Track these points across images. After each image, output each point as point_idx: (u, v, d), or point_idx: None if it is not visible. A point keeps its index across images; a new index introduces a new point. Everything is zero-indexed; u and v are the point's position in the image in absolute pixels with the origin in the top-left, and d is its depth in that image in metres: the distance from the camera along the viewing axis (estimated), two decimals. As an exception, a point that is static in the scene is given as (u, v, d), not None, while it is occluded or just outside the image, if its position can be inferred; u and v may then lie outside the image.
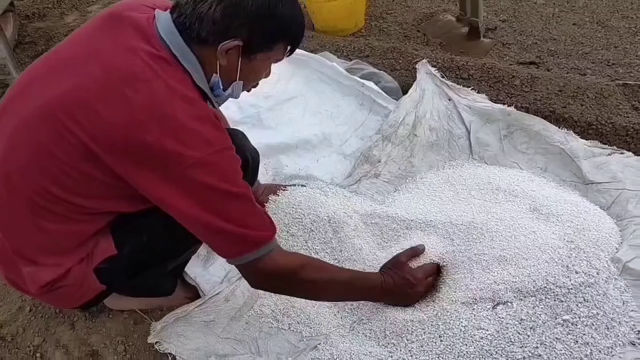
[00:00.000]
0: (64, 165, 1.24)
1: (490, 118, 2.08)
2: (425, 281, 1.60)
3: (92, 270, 1.42)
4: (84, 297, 1.47)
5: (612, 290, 1.51)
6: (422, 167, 2.04)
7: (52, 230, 1.33)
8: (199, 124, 1.22)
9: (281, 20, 1.28)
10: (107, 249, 1.42)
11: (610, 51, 2.55)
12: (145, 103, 1.18)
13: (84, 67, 1.24)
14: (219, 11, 1.22)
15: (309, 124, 2.25)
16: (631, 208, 1.75)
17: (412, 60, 2.46)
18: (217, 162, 1.24)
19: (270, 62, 1.39)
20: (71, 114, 1.20)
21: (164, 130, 1.18)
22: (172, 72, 1.23)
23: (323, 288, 1.46)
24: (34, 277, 1.38)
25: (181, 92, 1.22)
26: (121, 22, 1.28)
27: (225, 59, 1.28)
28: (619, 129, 2.03)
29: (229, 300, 1.66)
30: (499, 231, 1.64)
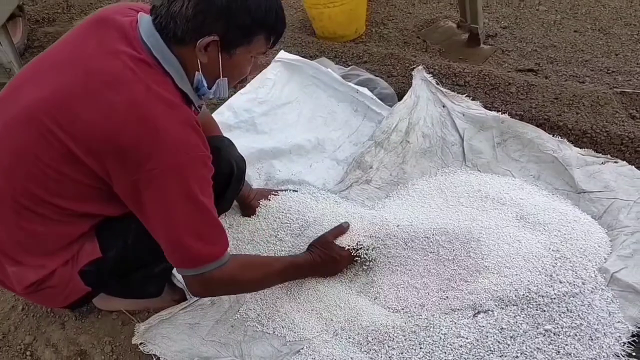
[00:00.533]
0: (47, 168, 1.26)
1: (483, 125, 2.07)
2: (347, 258, 1.71)
3: (77, 273, 1.45)
4: (69, 298, 1.50)
5: (597, 300, 1.50)
6: (414, 173, 2.04)
7: (36, 231, 1.36)
8: (177, 128, 1.24)
9: (256, 13, 1.28)
10: (92, 251, 1.44)
11: (610, 59, 2.53)
12: (124, 105, 1.20)
13: (67, 70, 1.26)
14: (190, 8, 1.23)
15: (303, 129, 2.26)
16: (622, 218, 1.74)
17: (409, 67, 2.46)
18: (189, 168, 1.26)
19: (253, 56, 1.38)
20: (53, 117, 1.23)
21: (141, 133, 1.20)
22: (153, 74, 1.26)
23: (260, 282, 1.57)
24: (19, 277, 1.41)
25: (161, 95, 1.24)
26: (106, 25, 1.30)
27: (205, 56, 1.29)
28: (614, 137, 2.01)
29: (214, 304, 1.68)
30: (483, 239, 1.63)
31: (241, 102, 2.36)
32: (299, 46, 2.82)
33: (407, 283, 1.64)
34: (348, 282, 1.71)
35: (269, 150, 2.16)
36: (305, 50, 2.75)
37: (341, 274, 1.73)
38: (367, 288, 1.68)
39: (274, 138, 2.21)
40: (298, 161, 2.15)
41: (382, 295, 1.63)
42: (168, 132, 1.22)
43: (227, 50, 1.30)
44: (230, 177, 1.64)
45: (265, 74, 2.44)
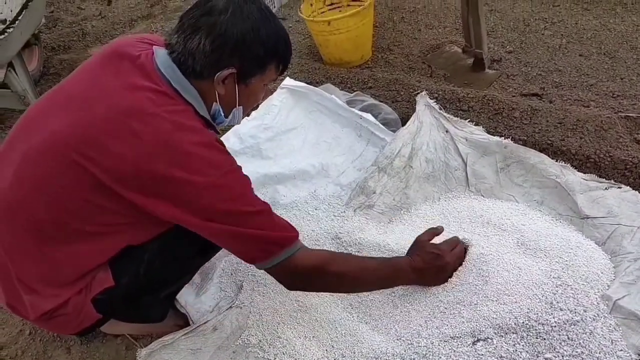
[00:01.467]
0: (76, 197, 1.32)
1: (486, 150, 2.08)
2: (451, 252, 1.63)
3: (90, 301, 1.48)
4: (81, 325, 1.54)
5: (599, 328, 1.48)
6: (418, 198, 2.05)
7: (59, 258, 1.40)
8: (204, 150, 1.30)
9: (267, 43, 1.36)
10: (105, 280, 1.48)
11: (615, 83, 2.53)
12: (152, 136, 1.26)
13: (89, 104, 1.32)
14: (208, 45, 1.31)
15: (307, 154, 2.29)
16: (626, 244, 1.73)
17: (413, 92, 2.49)
18: (226, 184, 1.32)
19: (266, 84, 1.47)
20: (80, 150, 1.28)
21: (171, 160, 1.26)
22: (174, 105, 1.32)
23: (353, 278, 1.52)
24: (34, 305, 1.44)
25: (185, 123, 1.30)
26: (122, 59, 1.37)
27: (222, 88, 1.37)
28: (618, 162, 2.00)
29: (216, 329, 1.69)
30: (483, 266, 1.63)
31: (247, 129, 2.40)
32: (306, 72, 2.86)
33: (406, 309, 1.63)
34: (349, 309, 1.71)
35: (274, 176, 2.19)
36: (312, 76, 2.79)
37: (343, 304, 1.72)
38: (367, 315, 1.68)
39: (278, 163, 2.24)
40: (302, 186, 2.17)
41: (382, 323, 1.63)
42: (197, 154, 1.28)
43: (243, 80, 1.39)
44: None
45: (271, 101, 2.48)
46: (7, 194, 1.37)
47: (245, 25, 1.33)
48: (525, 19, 3.17)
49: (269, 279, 1.78)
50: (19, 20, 2.67)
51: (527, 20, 3.15)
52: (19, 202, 1.36)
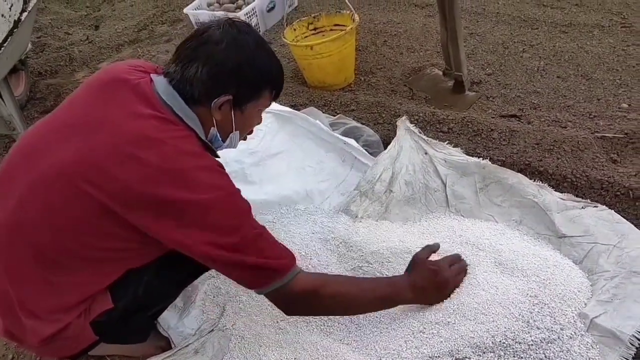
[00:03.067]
0: (85, 225, 1.35)
1: (465, 171, 2.11)
2: (450, 269, 1.64)
3: (89, 324, 1.49)
4: (78, 347, 1.56)
5: (577, 346, 1.50)
6: (397, 221, 2.07)
7: (62, 283, 1.43)
8: (206, 173, 1.35)
9: (262, 70, 1.43)
10: (104, 302, 1.50)
11: (592, 104, 2.59)
12: (156, 162, 1.30)
13: (93, 133, 1.35)
14: (204, 73, 1.37)
15: (292, 179, 2.30)
16: (602, 262, 1.75)
17: (395, 115, 2.53)
18: (228, 204, 1.36)
19: (261, 110, 1.53)
20: (87, 178, 1.32)
21: (175, 184, 1.30)
22: (177, 131, 1.37)
23: (351, 299, 1.54)
24: (35, 330, 1.45)
25: (187, 149, 1.35)
26: (121, 87, 1.41)
27: (219, 113, 1.42)
28: (594, 182, 2.04)
29: (198, 353, 1.70)
30: (461, 287, 1.65)
31: (232, 153, 2.40)
32: (291, 95, 2.90)
33: (386, 330, 1.65)
34: (330, 330, 1.72)
35: (258, 202, 2.20)
36: (296, 99, 2.83)
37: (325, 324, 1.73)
38: (348, 336, 1.69)
39: (263, 189, 2.25)
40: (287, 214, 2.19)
41: (363, 343, 1.64)
42: (201, 179, 1.33)
43: (239, 106, 1.44)
44: None
45: (256, 125, 2.51)
46: (9, 222, 1.39)
47: (240, 55, 1.39)
48: (504, 41, 3.24)
49: (252, 302, 1.82)
50: (4, 47, 2.69)
51: (506, 43, 3.22)
52: (23, 229, 1.38)
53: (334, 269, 1.86)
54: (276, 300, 1.46)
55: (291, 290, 1.42)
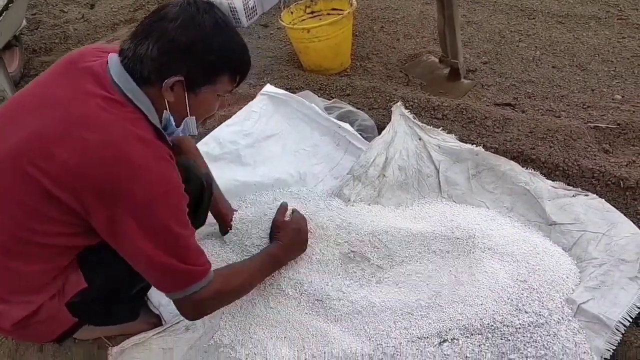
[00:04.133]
0: (30, 210, 1.30)
1: (459, 158, 2.13)
2: (304, 223, 1.85)
3: (65, 305, 1.48)
4: (55, 332, 1.54)
5: (563, 331, 1.53)
6: (390, 206, 2.08)
7: (24, 270, 1.39)
8: (152, 163, 1.29)
9: (219, 53, 1.35)
10: (77, 283, 1.48)
11: (586, 94, 2.60)
12: (100, 145, 1.25)
13: (43, 113, 1.31)
14: (155, 50, 1.29)
15: (286, 162, 2.31)
16: (591, 250, 1.78)
17: (390, 100, 2.53)
18: (166, 200, 1.30)
19: (219, 95, 1.44)
20: (30, 159, 1.27)
21: (117, 171, 1.24)
22: (126, 113, 1.31)
23: (245, 287, 1.63)
24: (6, 315, 1.43)
25: (135, 133, 1.29)
26: (77, 68, 1.35)
27: (171, 95, 1.35)
28: (586, 170, 2.06)
29: (189, 330, 1.71)
30: (450, 269, 1.67)
31: (226, 134, 2.42)
32: (286, 78, 2.90)
33: (375, 311, 1.66)
34: (320, 311, 1.74)
35: (252, 184, 2.20)
36: (291, 83, 2.83)
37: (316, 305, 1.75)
38: (337, 316, 1.71)
39: (257, 171, 2.26)
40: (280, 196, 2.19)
41: (352, 324, 1.66)
42: (144, 168, 1.26)
43: (192, 89, 1.36)
44: (202, 193, 1.69)
45: (251, 107, 2.51)
46: None
47: (195, 34, 1.31)
48: (500, 30, 3.24)
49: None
50: (-1, 22, 2.68)
51: (502, 32, 3.22)
52: None
53: (326, 252, 1.86)
54: (186, 305, 1.42)
55: (201, 297, 1.40)
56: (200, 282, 1.39)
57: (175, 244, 1.33)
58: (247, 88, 2.82)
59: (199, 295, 1.39)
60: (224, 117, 2.51)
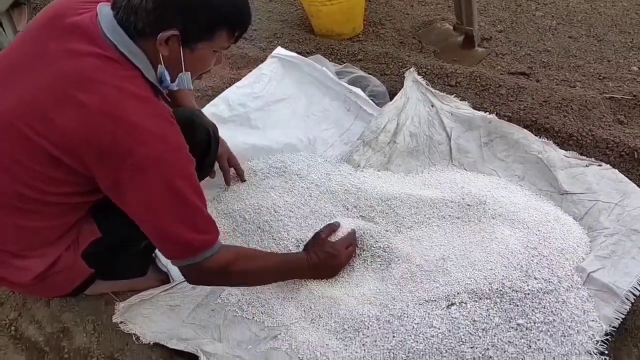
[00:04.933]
0: (33, 171, 1.29)
1: (471, 125, 2.10)
2: (345, 251, 1.68)
3: (80, 256, 1.48)
4: (74, 283, 1.55)
5: (572, 298, 1.52)
6: (400, 173, 2.06)
7: (33, 227, 1.38)
8: (152, 122, 1.25)
9: (217, 9, 1.29)
10: (91, 233, 1.48)
11: (602, 65, 2.55)
12: (97, 106, 1.21)
13: (33, 74, 1.27)
14: (150, 2, 1.23)
15: (296, 127, 2.28)
16: (603, 220, 1.76)
17: (403, 66, 2.49)
18: (172, 160, 1.27)
19: (216, 51, 1.39)
20: (28, 123, 1.25)
21: (117, 131, 1.21)
22: (121, 71, 1.27)
23: (255, 277, 1.57)
24: (26, 269, 1.44)
25: (132, 92, 1.25)
26: (65, 24, 1.29)
27: (166, 49, 1.30)
28: (600, 141, 2.03)
29: (196, 288, 1.71)
30: (459, 233, 1.66)
31: (236, 96, 2.39)
32: (297, 42, 2.86)
33: (381, 276, 1.66)
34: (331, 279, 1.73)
35: (261, 148, 2.19)
36: (302, 47, 2.79)
37: None
38: (344, 281, 1.70)
39: (266, 135, 2.23)
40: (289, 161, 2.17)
41: (358, 290, 1.65)
42: (145, 127, 1.23)
43: (188, 44, 1.31)
44: (209, 143, 1.68)
45: (261, 70, 2.47)
46: None
47: None
48: (517, -2, 3.18)
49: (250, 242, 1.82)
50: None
51: (519, 0, 3.15)
52: None
53: (337, 216, 1.85)
54: (188, 272, 1.41)
55: (207, 266, 1.37)
56: (207, 251, 1.35)
57: (181, 209, 1.30)
58: (257, 51, 2.79)
59: (205, 263, 1.36)
60: (234, 79, 2.48)
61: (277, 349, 1.54)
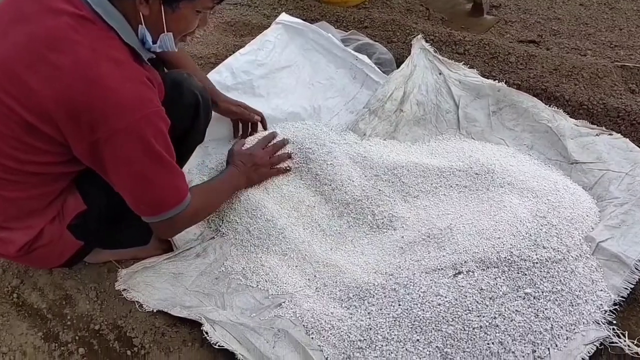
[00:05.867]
0: (11, 140, 1.26)
1: (479, 93, 2.06)
2: (262, 151, 1.81)
3: (66, 228, 1.46)
4: (63, 255, 1.53)
5: (581, 268, 1.50)
6: (406, 141, 2.02)
7: (15, 197, 1.36)
8: (127, 86, 1.22)
9: None
10: (76, 205, 1.45)
11: (614, 33, 2.49)
12: (70, 68, 1.18)
13: (9, 34, 1.23)
14: None
15: (300, 95, 2.23)
16: (613, 189, 1.74)
17: (410, 34, 2.44)
18: (145, 124, 1.25)
19: (199, 11, 1.35)
20: (5, 89, 1.22)
21: (91, 95, 1.18)
22: (96, 31, 1.22)
23: (211, 207, 1.67)
24: (8, 241, 1.42)
25: (107, 54, 1.21)
26: None
27: (146, 8, 1.26)
28: (611, 110, 1.99)
29: (199, 256, 1.69)
30: (466, 202, 1.63)
31: (240, 64, 2.33)
32: (301, 9, 2.80)
33: (387, 246, 1.64)
34: (335, 245, 1.71)
35: (266, 117, 2.14)
36: (307, 14, 2.73)
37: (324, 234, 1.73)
38: (351, 249, 1.69)
39: (270, 103, 2.19)
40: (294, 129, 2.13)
41: (363, 259, 1.64)
42: (118, 91, 1.20)
43: (169, 3, 1.27)
44: (197, 108, 1.63)
45: (265, 36, 2.41)
46: None
47: None
48: (527, -35, 3.09)
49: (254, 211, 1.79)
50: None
51: (529, -33, 3.07)
52: None
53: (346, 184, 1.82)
54: (161, 227, 1.44)
55: (178, 219, 1.41)
56: (179, 207, 1.39)
57: (155, 171, 1.31)
58: (260, 18, 2.73)
59: (176, 217, 1.40)
60: (237, 46, 2.43)
61: (281, 316, 1.52)
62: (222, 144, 1.99)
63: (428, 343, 1.40)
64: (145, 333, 1.53)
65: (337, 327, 1.47)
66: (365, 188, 1.81)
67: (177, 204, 1.38)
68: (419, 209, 1.73)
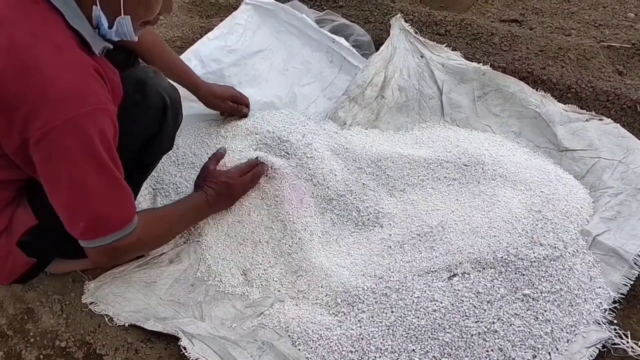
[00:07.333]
0: None
1: (464, 77, 1.96)
2: (239, 179, 1.61)
3: (16, 244, 1.32)
4: (14, 273, 1.39)
5: (579, 264, 1.43)
6: (389, 130, 1.91)
7: None
8: (68, 76, 1.08)
9: None
10: (26, 219, 1.31)
11: (597, 11, 2.42)
12: (4, 51, 1.05)
13: None
14: None
15: (274, 82, 2.10)
16: (606, 178, 1.67)
17: (387, 13, 2.32)
18: (85, 124, 1.10)
19: None
20: None
21: (24, 83, 1.05)
22: (38, 12, 1.09)
23: (166, 236, 1.48)
24: None
25: (48, 38, 1.08)
26: None
27: None
28: (600, 93, 1.91)
29: (172, 262, 1.56)
30: (459, 197, 1.54)
31: (209, 50, 2.18)
32: (272, -12, 2.63)
33: (376, 248, 1.54)
34: (318, 245, 1.60)
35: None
36: (278, -7, 2.57)
37: (311, 233, 1.61)
38: (336, 249, 1.58)
39: (243, 92, 2.05)
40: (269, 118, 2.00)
41: (351, 260, 1.54)
42: (56, 82, 1.06)
43: None
44: (165, 111, 1.43)
45: (234, 19, 2.26)
46: None
47: None
48: (506, -60, 2.98)
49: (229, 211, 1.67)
50: None
51: (507, -59, 2.96)
52: None
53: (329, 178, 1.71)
54: (96, 253, 1.24)
55: (120, 245, 1.23)
56: (123, 230, 1.21)
57: (94, 181, 1.14)
58: (228, -4, 2.56)
59: (117, 244, 1.22)
60: (204, 28, 2.28)
61: (265, 326, 1.41)
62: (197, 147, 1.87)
63: (424, 353, 1.30)
64: (116, 350, 1.40)
65: (326, 337, 1.37)
66: (348, 182, 1.70)
67: (120, 226, 1.21)
68: (407, 204, 1.63)
